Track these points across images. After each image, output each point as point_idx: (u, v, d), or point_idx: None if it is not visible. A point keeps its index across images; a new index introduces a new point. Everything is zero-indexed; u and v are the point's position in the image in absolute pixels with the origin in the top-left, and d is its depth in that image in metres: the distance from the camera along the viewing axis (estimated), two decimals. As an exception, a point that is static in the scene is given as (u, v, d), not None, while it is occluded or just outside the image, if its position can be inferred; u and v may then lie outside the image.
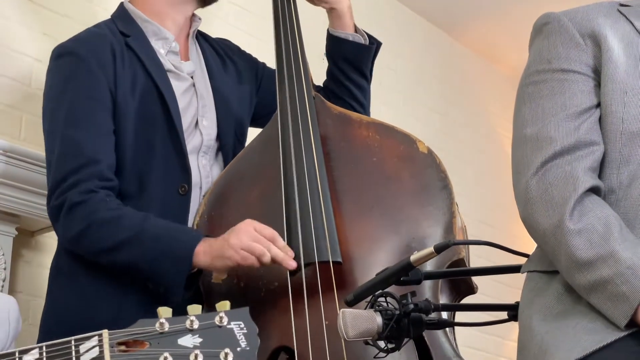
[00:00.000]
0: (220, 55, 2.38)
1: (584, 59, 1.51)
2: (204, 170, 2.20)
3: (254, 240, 1.93)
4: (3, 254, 2.41)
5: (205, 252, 1.96)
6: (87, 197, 2.02)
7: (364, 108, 2.35)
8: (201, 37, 2.38)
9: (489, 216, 4.40)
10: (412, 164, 2.03)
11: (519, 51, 4.60)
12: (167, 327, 1.41)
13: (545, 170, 1.45)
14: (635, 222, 1.43)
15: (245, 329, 1.43)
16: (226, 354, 1.40)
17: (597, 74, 1.51)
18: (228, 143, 2.26)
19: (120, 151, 2.10)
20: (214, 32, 2.52)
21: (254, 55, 2.51)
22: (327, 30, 2.37)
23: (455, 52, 4.61)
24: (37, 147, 2.59)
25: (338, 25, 2.33)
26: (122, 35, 2.18)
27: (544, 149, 1.47)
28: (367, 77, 2.37)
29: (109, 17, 2.29)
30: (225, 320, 1.42)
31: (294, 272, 1.92)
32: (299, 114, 2.12)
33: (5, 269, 2.41)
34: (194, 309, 1.44)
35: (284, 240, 1.96)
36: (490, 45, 4.64)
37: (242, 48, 2.51)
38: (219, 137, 2.26)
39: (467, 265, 1.95)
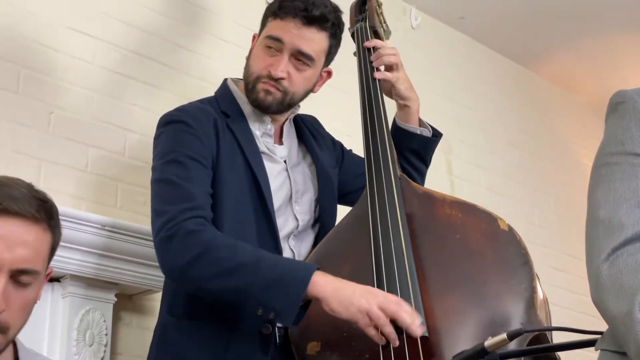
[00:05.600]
0: (314, 134, 2.46)
1: None
2: (296, 250, 2.27)
3: (381, 307, 1.94)
4: (104, 321, 2.51)
5: (326, 284, 1.97)
6: (203, 228, 2.04)
7: None
8: (299, 119, 2.45)
9: (573, 248, 4.38)
10: (494, 241, 2.08)
11: (596, 78, 4.60)
12: None
13: (615, 257, 1.44)
14: None
15: None
16: None
17: None
18: (328, 222, 2.33)
19: (215, 221, 2.13)
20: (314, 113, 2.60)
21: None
22: (394, 120, 2.46)
23: (532, 84, 4.60)
24: (132, 215, 2.72)
25: (406, 120, 2.44)
26: (223, 114, 2.26)
27: (615, 234, 1.46)
28: (427, 164, 2.49)
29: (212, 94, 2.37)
30: None
31: (385, 346, 1.98)
32: (385, 194, 2.19)
33: (106, 334, 2.52)
34: None
35: None
36: (566, 75, 4.63)
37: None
38: (320, 218, 2.33)
39: (549, 338, 1.99)
